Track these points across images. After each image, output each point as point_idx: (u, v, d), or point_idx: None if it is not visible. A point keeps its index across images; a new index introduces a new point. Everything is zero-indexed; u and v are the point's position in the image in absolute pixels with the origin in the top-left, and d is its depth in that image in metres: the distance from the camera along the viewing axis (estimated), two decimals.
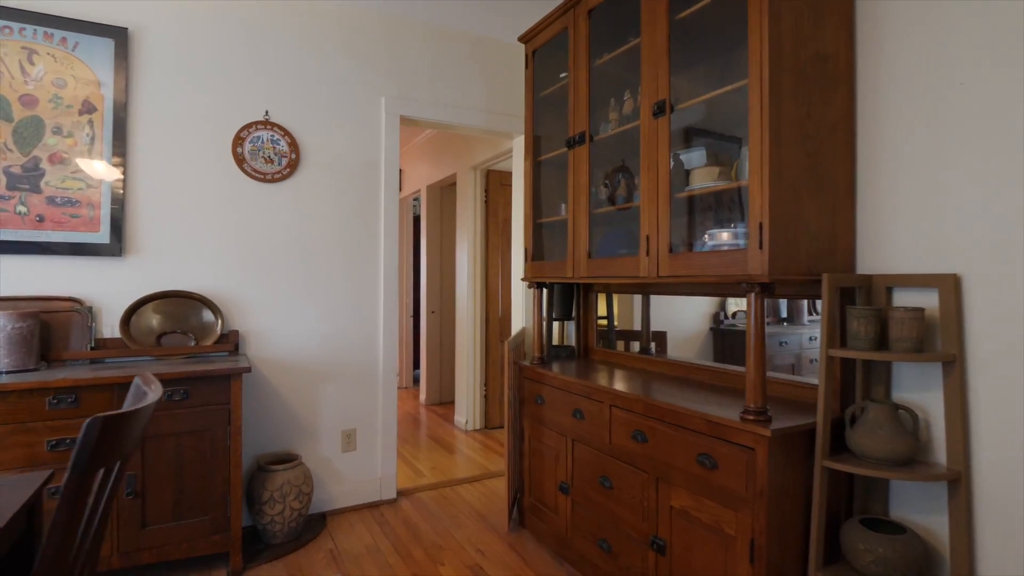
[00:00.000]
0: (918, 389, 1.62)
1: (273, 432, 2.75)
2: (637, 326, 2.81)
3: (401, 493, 3.12)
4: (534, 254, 2.71)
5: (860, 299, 1.69)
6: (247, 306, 2.70)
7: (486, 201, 4.50)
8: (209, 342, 2.55)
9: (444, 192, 5.47)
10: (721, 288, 2.16)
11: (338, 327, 2.91)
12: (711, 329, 2.38)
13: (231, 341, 2.62)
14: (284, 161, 2.77)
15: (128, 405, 1.10)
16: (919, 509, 1.61)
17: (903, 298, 1.66)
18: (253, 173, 2.70)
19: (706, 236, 1.86)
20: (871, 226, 1.74)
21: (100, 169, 2.41)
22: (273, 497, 2.48)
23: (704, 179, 1.85)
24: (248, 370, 2.25)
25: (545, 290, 2.86)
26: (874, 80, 1.73)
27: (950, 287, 1.51)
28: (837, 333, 1.63)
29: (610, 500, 2.07)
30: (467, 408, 4.48)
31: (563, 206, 2.68)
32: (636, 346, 2.83)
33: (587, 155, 2.30)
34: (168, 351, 2.44)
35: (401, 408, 5.25)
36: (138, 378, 1.12)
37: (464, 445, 4.05)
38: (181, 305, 2.55)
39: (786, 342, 2.02)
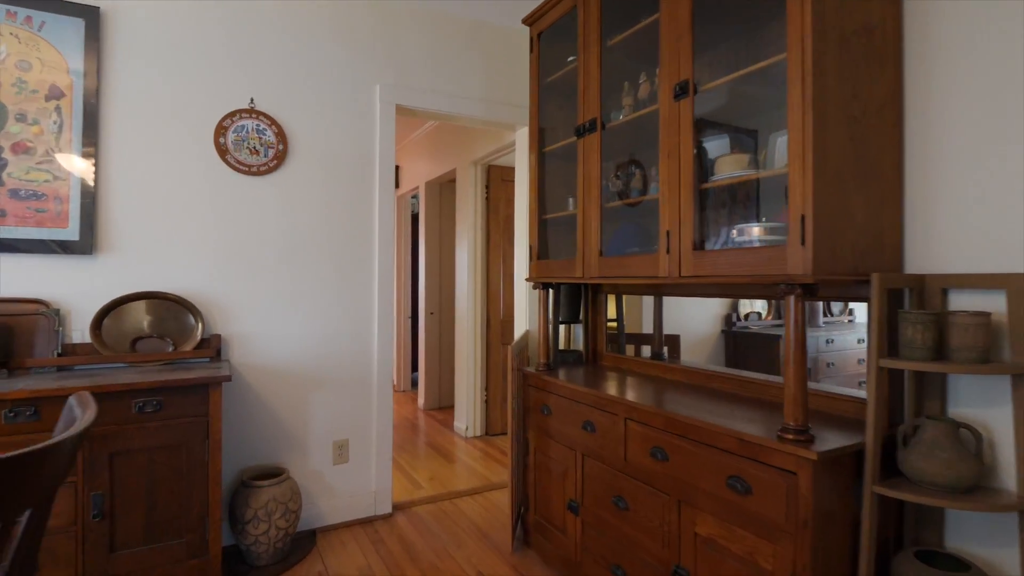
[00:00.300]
0: (980, 404, 1.43)
1: (258, 444, 2.56)
2: (646, 329, 2.63)
3: (397, 507, 2.92)
4: (540, 252, 2.52)
5: (911, 302, 1.50)
6: (230, 308, 2.50)
7: (487, 197, 4.31)
8: (188, 347, 2.36)
9: (443, 189, 5.28)
10: (749, 290, 1.96)
11: (329, 330, 2.71)
12: (723, 332, 2.21)
13: (212, 346, 2.43)
14: (271, 152, 2.58)
15: (58, 431, 0.91)
16: (982, 541, 1.42)
17: (960, 301, 1.47)
18: (237, 165, 2.50)
19: (733, 231, 1.67)
20: (920, 219, 1.55)
21: (69, 160, 2.22)
22: (257, 516, 2.28)
23: (731, 168, 1.66)
24: (228, 378, 2.06)
25: (551, 291, 2.67)
26: (925, 54, 1.54)
27: (1021, 288, 1.32)
28: (885, 341, 1.44)
29: (625, 522, 1.88)
30: (467, 414, 4.29)
31: (571, 201, 2.49)
32: (647, 351, 2.65)
33: (599, 144, 2.10)
34: (143, 357, 2.25)
35: (399, 413, 5.06)
36: (72, 398, 0.93)
37: (464, 453, 3.86)
38: (158, 308, 2.35)
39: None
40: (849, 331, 1.69)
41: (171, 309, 2.37)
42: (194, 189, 2.44)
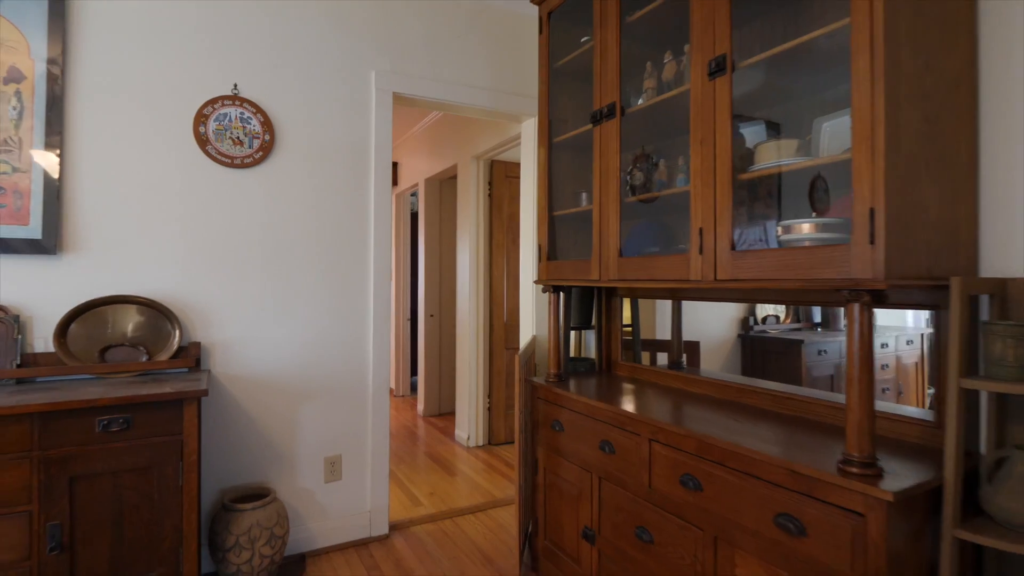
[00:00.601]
0: None
1: (242, 462, 2.35)
2: (660, 334, 2.43)
3: (394, 527, 2.71)
4: (550, 252, 2.30)
5: (993, 311, 1.29)
6: (212, 314, 2.29)
7: (490, 194, 4.09)
8: (164, 357, 2.14)
9: (444, 186, 5.06)
10: (800, 296, 1.74)
11: (320, 337, 2.50)
12: (739, 336, 2.03)
13: (191, 355, 2.21)
14: (256, 143, 2.36)
15: None
16: None
17: None
18: (219, 157, 2.29)
19: (778, 229, 1.46)
20: (998, 214, 1.33)
21: (31, 150, 2.00)
22: (239, 543, 2.07)
23: (776, 156, 1.45)
24: (204, 393, 1.84)
25: (562, 295, 2.45)
26: (1002, 19, 1.32)
27: None
28: (965, 357, 1.22)
29: (650, 558, 1.67)
30: (469, 422, 4.08)
31: (584, 196, 2.27)
32: (663, 358, 2.44)
33: (618, 131, 1.89)
34: (113, 368, 2.03)
35: (397, 420, 4.84)
36: None
37: (466, 465, 3.65)
38: (130, 313, 2.14)
39: (825, 351, 1.72)
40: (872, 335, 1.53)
41: (145, 315, 2.16)
42: (172, 183, 2.22)
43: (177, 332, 2.17)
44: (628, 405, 1.83)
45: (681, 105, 1.78)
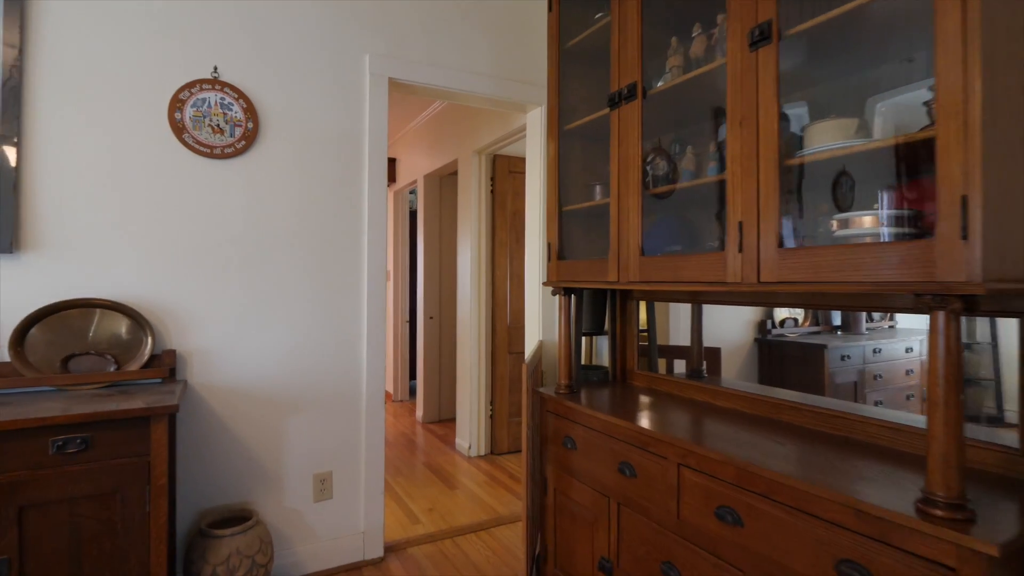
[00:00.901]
0: None
1: (223, 481, 2.14)
2: (674, 339, 2.23)
3: (390, 549, 2.50)
4: (560, 251, 2.10)
5: None
6: (189, 318, 2.08)
7: (492, 190, 3.89)
8: (134, 366, 1.94)
9: (444, 183, 4.86)
10: (868, 301, 1.53)
11: (309, 343, 2.29)
12: (756, 340, 1.87)
13: (165, 364, 2.01)
14: (238, 131, 2.15)
15: None
16: None
17: None
18: (197, 146, 2.08)
19: (832, 223, 1.25)
20: None
21: None
22: (216, 573, 1.86)
23: (831, 137, 1.24)
24: (174, 409, 1.63)
25: (573, 297, 2.25)
26: None
27: None
28: None
29: None
30: (470, 430, 3.87)
31: (597, 189, 2.07)
32: (681, 366, 2.24)
33: (639, 115, 1.68)
34: (76, 379, 1.83)
35: (395, 426, 4.64)
36: None
37: (467, 477, 3.44)
38: (97, 318, 1.93)
39: (848, 356, 1.59)
40: (892, 339, 1.48)
41: (113, 320, 1.95)
42: (144, 174, 2.02)
43: (149, 339, 1.97)
44: (650, 422, 1.63)
45: (712, 84, 1.57)
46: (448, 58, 2.58)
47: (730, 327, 1.95)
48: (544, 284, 2.16)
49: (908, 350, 1.43)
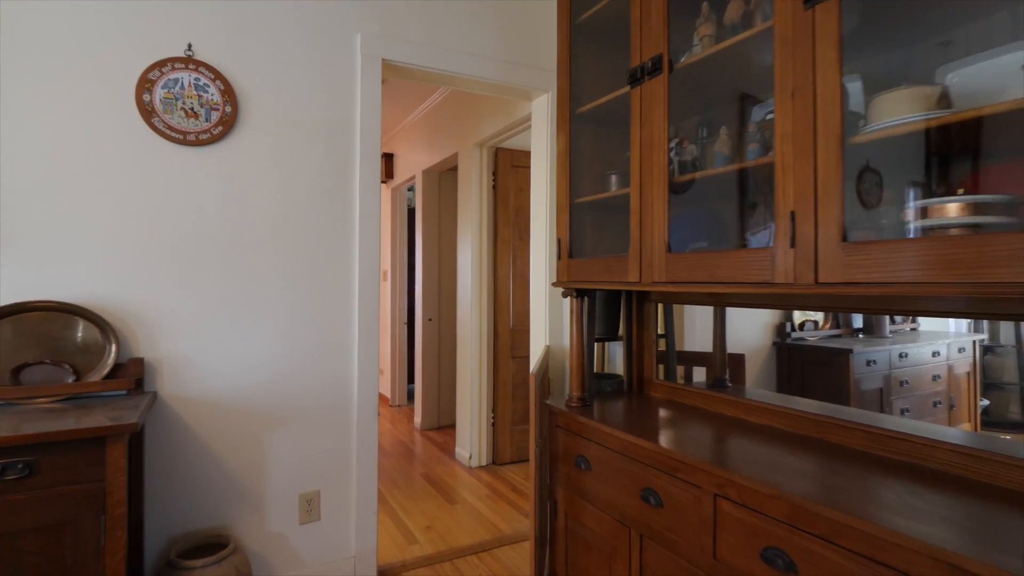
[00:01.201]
0: None
1: (198, 503, 1.93)
2: (689, 344, 2.05)
3: (384, 573, 2.29)
4: (571, 248, 1.89)
5: None
6: (159, 323, 1.87)
7: (494, 186, 3.68)
8: (96, 377, 1.73)
9: (443, 178, 4.65)
10: (987, 307, 1.31)
11: (294, 349, 2.08)
12: (774, 344, 1.74)
13: (131, 374, 1.80)
14: (215, 115, 1.95)
15: None
16: None
17: None
18: (168, 131, 1.87)
19: (908, 211, 1.05)
20: None
21: None
22: None
23: (908, 108, 1.03)
24: (133, 428, 1.43)
25: (585, 300, 2.04)
26: None
27: None
28: None
29: None
30: (471, 439, 3.66)
31: (613, 178, 1.86)
32: (700, 374, 2.04)
33: (664, 91, 1.47)
34: (29, 392, 1.62)
35: (392, 433, 4.43)
36: None
37: (468, 490, 3.23)
38: (54, 323, 1.72)
39: (874, 361, 1.48)
40: (915, 342, 1.41)
41: (73, 325, 1.74)
42: (109, 162, 1.81)
43: (114, 346, 1.76)
44: (677, 442, 1.42)
45: (750, 54, 1.36)
46: (448, 39, 2.37)
47: (745, 330, 1.78)
48: (553, 285, 1.95)
49: (935, 354, 1.34)
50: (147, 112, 1.85)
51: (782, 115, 1.16)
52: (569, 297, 1.88)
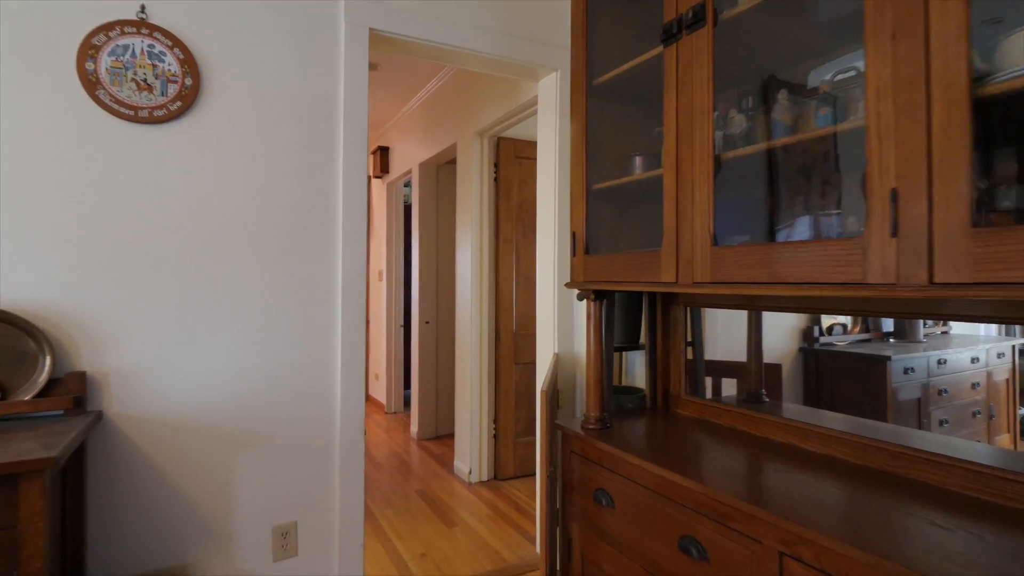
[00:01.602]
0: None
1: (153, 540, 1.66)
2: (711, 352, 1.81)
3: None
4: (588, 243, 1.62)
5: None
6: (106, 331, 1.60)
7: (496, 178, 3.40)
8: (26, 396, 1.45)
9: (441, 172, 4.38)
10: None
11: (268, 361, 1.81)
12: (800, 350, 1.59)
13: (69, 392, 1.52)
14: (172, 89, 1.67)
15: None
16: None
17: None
18: (116, 106, 1.60)
19: None
20: None
21: None
22: None
23: None
24: (51, 464, 1.15)
25: (604, 302, 1.76)
26: None
27: None
28: None
29: None
30: (471, 452, 3.39)
31: (637, 160, 1.58)
32: (728, 386, 1.79)
33: (709, 47, 1.20)
34: None
35: (386, 443, 4.15)
36: None
37: (468, 510, 2.96)
38: None
39: (912, 368, 1.36)
40: (949, 347, 1.31)
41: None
42: (44, 142, 1.54)
43: (48, 358, 1.49)
44: (723, 478, 1.14)
45: None
46: (444, 8, 2.10)
47: (768, 335, 1.60)
48: (566, 286, 1.68)
49: (974, 360, 1.26)
50: (90, 83, 1.57)
51: (878, 64, 0.89)
52: (585, 300, 1.60)
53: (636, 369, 2.07)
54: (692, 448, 1.38)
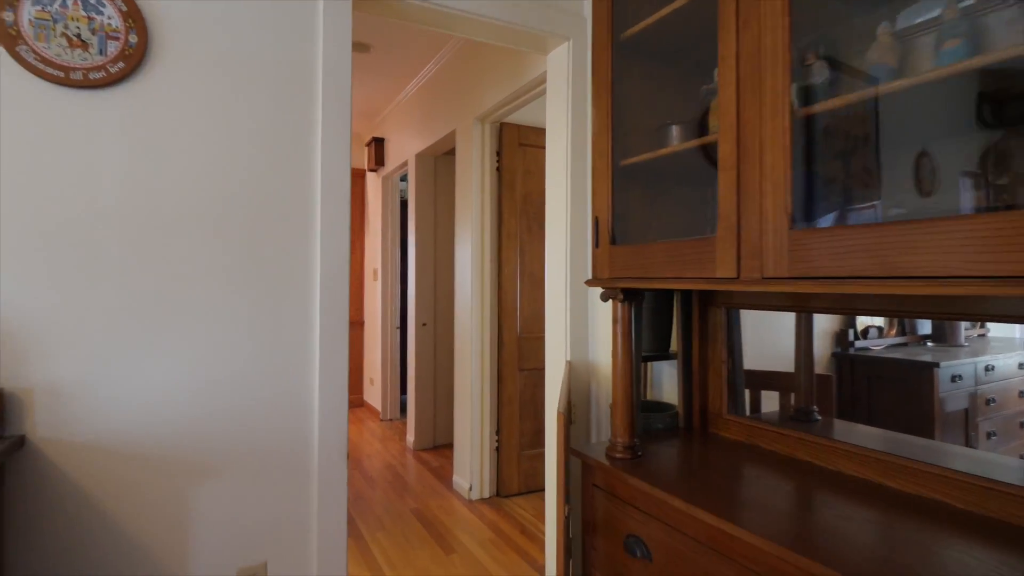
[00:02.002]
0: None
1: None
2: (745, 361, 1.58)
3: None
4: (615, 231, 1.33)
5: None
6: (29, 340, 1.32)
7: (498, 168, 3.12)
8: None
9: (439, 163, 4.10)
10: None
11: (231, 375, 1.53)
12: (834, 355, 1.44)
13: None
14: (114, 47, 1.39)
15: None
16: None
17: None
18: (41, 65, 1.32)
19: None
20: None
21: None
22: None
23: None
24: None
25: (633, 304, 1.48)
26: None
27: None
28: None
29: None
30: (471, 466, 3.11)
31: (674, 130, 1.30)
32: (770, 399, 1.55)
33: None
34: None
35: (380, 455, 3.87)
36: None
37: (468, 532, 2.67)
38: None
39: (959, 376, 1.23)
40: (988, 350, 1.20)
41: None
42: None
43: None
44: (793, 528, 0.86)
45: None
46: None
47: (786, 336, 1.46)
48: (587, 283, 1.39)
49: (1022, 366, 1.17)
50: (9, 37, 1.29)
51: None
52: (612, 301, 1.32)
53: (663, 380, 1.78)
54: (749, 486, 1.10)
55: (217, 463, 1.51)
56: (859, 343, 1.54)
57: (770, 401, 1.60)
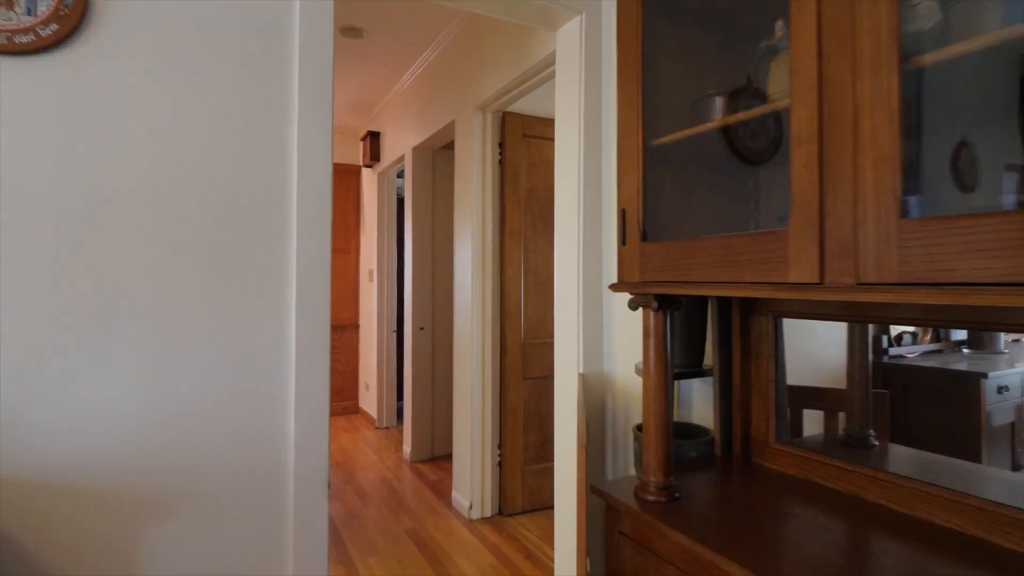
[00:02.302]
0: None
1: None
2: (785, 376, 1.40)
3: None
4: (646, 226, 1.11)
5: None
6: None
7: (501, 160, 2.90)
8: None
9: (438, 157, 3.87)
10: None
11: (190, 394, 1.30)
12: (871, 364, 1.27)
13: None
14: (45, 7, 1.17)
15: None
16: None
17: None
18: None
19: None
20: None
21: None
22: None
23: None
24: None
25: (669, 313, 1.25)
26: None
27: None
28: None
29: None
30: (472, 482, 2.88)
31: (717, 102, 1.07)
32: (813, 419, 1.35)
33: None
34: None
35: (375, 468, 3.64)
36: None
37: (468, 557, 2.45)
38: None
39: (1006, 387, 1.08)
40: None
41: None
42: None
43: None
44: None
45: None
46: None
47: (824, 345, 1.29)
48: (612, 288, 1.17)
49: None
50: None
51: None
52: (647, 310, 1.08)
53: (693, 398, 1.56)
54: (818, 541, 0.88)
55: (174, 497, 1.29)
56: (894, 350, 1.35)
57: (811, 422, 1.40)
